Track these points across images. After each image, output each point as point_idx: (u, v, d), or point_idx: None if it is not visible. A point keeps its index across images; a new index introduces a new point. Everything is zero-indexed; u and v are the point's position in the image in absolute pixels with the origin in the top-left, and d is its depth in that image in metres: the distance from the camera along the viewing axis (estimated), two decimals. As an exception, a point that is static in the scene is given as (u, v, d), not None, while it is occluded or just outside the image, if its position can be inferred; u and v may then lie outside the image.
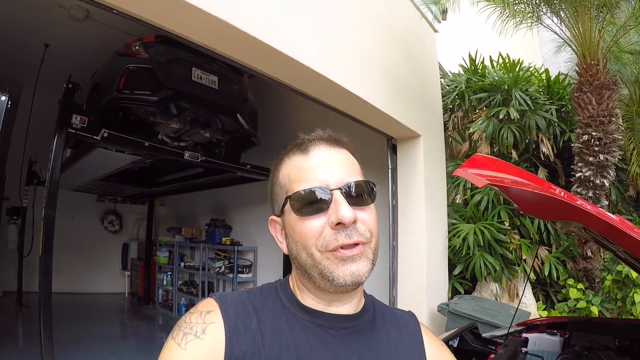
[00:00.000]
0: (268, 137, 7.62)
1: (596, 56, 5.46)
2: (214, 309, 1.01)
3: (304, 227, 1.00)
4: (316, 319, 1.05)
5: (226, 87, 6.17)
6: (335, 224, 0.96)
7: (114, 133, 5.42)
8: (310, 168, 1.03)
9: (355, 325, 1.09)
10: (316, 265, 0.99)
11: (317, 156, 1.05)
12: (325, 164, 1.03)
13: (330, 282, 0.98)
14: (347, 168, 1.05)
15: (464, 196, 6.57)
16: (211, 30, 3.26)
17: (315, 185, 1.00)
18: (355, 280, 0.98)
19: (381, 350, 1.09)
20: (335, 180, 1.01)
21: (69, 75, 5.39)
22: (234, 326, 0.98)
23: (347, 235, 0.97)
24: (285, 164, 1.11)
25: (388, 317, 1.21)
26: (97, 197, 12.52)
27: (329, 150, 1.07)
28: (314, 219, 0.99)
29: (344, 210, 0.96)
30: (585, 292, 5.86)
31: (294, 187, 1.03)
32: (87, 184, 9.69)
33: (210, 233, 9.69)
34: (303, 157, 1.06)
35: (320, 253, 0.98)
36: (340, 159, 1.06)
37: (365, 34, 4.98)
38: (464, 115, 7.22)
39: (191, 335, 0.94)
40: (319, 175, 1.01)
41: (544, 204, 2.14)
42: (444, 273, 6.21)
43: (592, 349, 2.83)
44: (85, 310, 10.14)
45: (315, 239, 0.98)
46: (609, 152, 5.44)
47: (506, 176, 2.00)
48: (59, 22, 6.47)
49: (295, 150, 1.10)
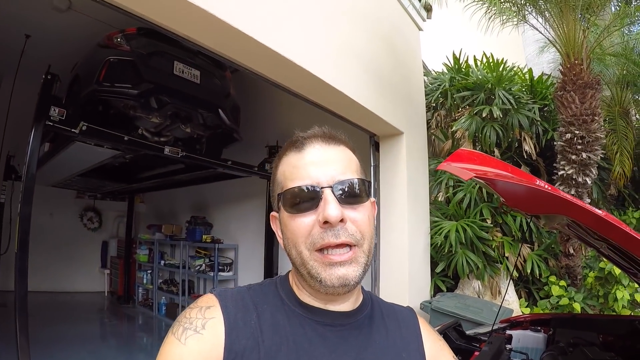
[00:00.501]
0: (250, 133, 7.59)
1: (580, 56, 5.49)
2: (214, 305, 1.02)
3: (294, 224, 1.01)
4: (314, 315, 1.06)
5: (208, 82, 6.10)
6: (322, 223, 0.97)
7: (92, 126, 5.28)
8: (303, 166, 1.04)
9: (354, 321, 1.10)
10: (304, 264, 1.00)
11: (311, 154, 1.05)
12: (319, 162, 1.03)
13: (319, 283, 0.99)
14: (341, 166, 1.04)
15: (446, 194, 6.57)
16: (193, 21, 3.20)
17: (306, 183, 1.01)
18: (343, 283, 0.98)
19: (379, 345, 1.09)
20: (326, 178, 1.01)
21: (48, 66, 5.27)
22: (234, 321, 0.99)
23: (334, 235, 0.97)
24: (282, 161, 1.11)
25: (386, 312, 1.21)
26: (77, 194, 12.29)
27: (323, 148, 1.06)
28: (304, 217, 1.00)
29: (330, 209, 0.96)
30: (568, 289, 5.88)
31: (287, 185, 1.04)
32: (65, 180, 9.53)
33: (190, 230, 9.58)
34: (297, 155, 1.07)
35: (309, 252, 0.99)
36: (335, 157, 1.06)
37: (350, 30, 4.94)
38: (447, 113, 7.23)
39: (191, 331, 0.96)
40: (311, 173, 1.02)
41: (531, 197, 2.12)
42: (427, 271, 6.19)
43: (576, 345, 2.82)
44: (64, 310, 9.97)
45: (305, 237, 0.99)
46: (592, 151, 5.47)
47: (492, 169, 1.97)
48: (41, 12, 6.36)
49: (291, 147, 1.10)
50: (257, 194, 8.22)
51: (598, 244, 2.34)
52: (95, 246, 12.67)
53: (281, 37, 3.75)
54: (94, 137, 5.50)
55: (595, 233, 2.01)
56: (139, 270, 10.94)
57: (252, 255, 8.57)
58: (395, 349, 1.11)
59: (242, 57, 3.88)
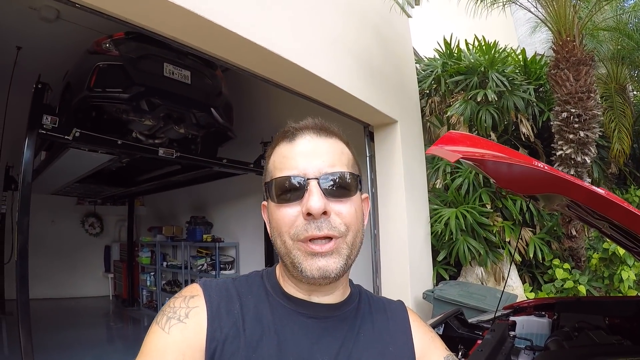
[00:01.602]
0: (244, 130, 7.59)
1: (572, 32, 5.43)
2: (197, 294, 1.03)
3: (279, 214, 1.01)
4: (298, 307, 1.06)
5: (199, 82, 6.08)
6: (306, 214, 0.96)
7: (85, 132, 5.29)
8: (293, 156, 1.03)
9: (339, 314, 1.09)
10: (288, 253, 1.00)
11: (302, 144, 1.04)
12: (308, 153, 1.02)
13: (300, 273, 0.98)
14: (330, 158, 1.03)
15: (444, 181, 6.53)
16: (178, 22, 3.19)
17: (293, 174, 1.00)
18: (323, 275, 0.97)
19: (365, 338, 1.08)
20: (314, 170, 0.99)
21: (38, 76, 5.26)
22: (217, 311, 0.99)
23: (317, 227, 0.96)
24: (274, 151, 1.10)
25: (375, 305, 1.20)
26: (77, 200, 12.36)
27: (314, 139, 1.05)
28: (289, 207, 0.99)
29: (313, 201, 0.95)
30: (572, 272, 5.83)
31: (275, 174, 1.04)
32: (64, 187, 9.55)
33: (190, 231, 9.61)
34: (288, 145, 1.05)
35: (292, 242, 0.98)
36: (325, 149, 1.04)
37: (337, 20, 4.91)
38: (441, 99, 7.17)
39: (174, 320, 0.96)
40: (299, 164, 1.00)
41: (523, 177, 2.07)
42: (428, 259, 6.17)
43: (582, 329, 2.77)
44: (69, 315, 9.99)
45: (288, 227, 0.99)
46: (589, 129, 5.41)
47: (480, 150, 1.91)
48: (30, 24, 6.38)
49: (283, 137, 1.08)
50: (254, 190, 8.20)
51: (600, 223, 2.29)
52: (98, 251, 12.74)
53: (267, 33, 3.74)
54: (87, 142, 5.50)
55: (595, 212, 1.96)
56: (142, 273, 10.97)
57: (253, 252, 8.58)
58: (381, 343, 1.10)
59: (230, 54, 3.87)
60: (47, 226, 11.13)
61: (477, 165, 2.19)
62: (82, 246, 12.31)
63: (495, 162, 1.91)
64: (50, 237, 11.04)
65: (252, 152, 7.59)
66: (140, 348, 0.95)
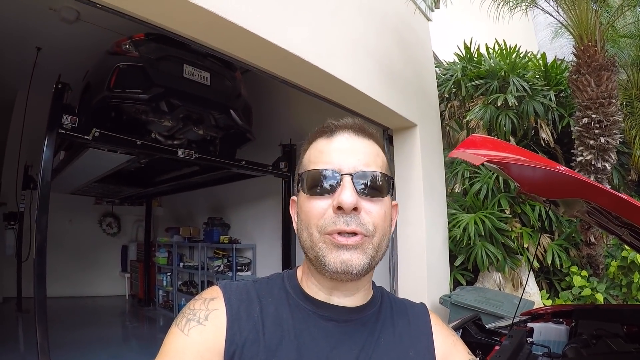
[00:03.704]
0: (263, 132, 7.60)
1: (594, 37, 5.38)
2: (217, 296, 1.03)
3: (310, 205, 1.01)
4: (320, 309, 1.05)
5: (218, 83, 6.11)
6: (336, 208, 0.96)
7: (105, 132, 5.34)
8: (329, 151, 1.04)
9: (360, 317, 1.08)
10: (313, 246, 0.99)
11: (339, 141, 1.05)
12: (345, 150, 1.03)
13: (323, 266, 0.97)
14: (366, 157, 1.03)
15: (463, 185, 6.50)
16: (198, 22, 3.22)
17: (328, 167, 1.00)
18: (346, 269, 0.96)
19: (385, 342, 1.08)
20: (348, 167, 1.00)
21: (58, 76, 5.31)
22: (236, 314, 1.00)
23: (345, 222, 0.96)
24: (310, 146, 1.11)
25: (397, 308, 1.19)
26: (95, 200, 12.47)
27: (352, 138, 1.06)
28: (319, 199, 1.00)
29: (345, 195, 0.95)
30: (590, 279, 5.77)
31: (309, 167, 1.05)
32: (83, 187, 9.66)
33: (208, 232, 9.63)
34: (326, 141, 1.07)
35: (319, 234, 0.98)
36: (362, 148, 1.05)
37: (357, 23, 4.92)
38: (461, 104, 7.14)
39: (194, 322, 0.97)
40: (334, 159, 1.01)
41: (548, 181, 2.06)
42: (445, 264, 6.14)
43: (600, 336, 2.74)
44: (86, 314, 10.09)
45: (317, 219, 0.98)
46: (610, 135, 5.35)
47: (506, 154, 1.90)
48: (51, 24, 6.51)
49: (321, 133, 1.10)
50: (272, 193, 8.21)
51: (620, 230, 2.28)
52: (115, 251, 12.86)
53: (288, 35, 3.75)
54: (106, 142, 5.55)
55: (617, 219, 1.94)
56: (158, 273, 11.01)
57: (269, 255, 8.57)
58: (401, 347, 1.09)
59: (250, 56, 3.88)
60: (65, 225, 11.25)
61: (501, 169, 2.18)
62: (99, 246, 12.43)
63: (520, 165, 1.90)
64: (67, 236, 11.17)
65: (271, 154, 7.60)
66: (157, 348, 0.95)
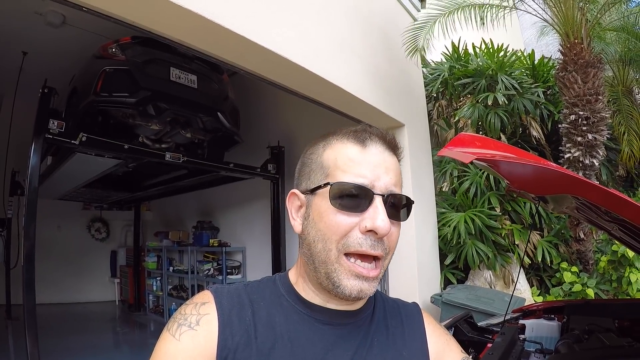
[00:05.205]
0: (251, 135, 7.59)
1: (579, 34, 5.42)
2: (208, 301, 1.01)
3: (334, 219, 0.96)
4: (314, 313, 1.04)
5: (206, 86, 6.09)
6: (366, 230, 0.93)
7: (92, 137, 5.29)
8: (363, 162, 0.98)
9: (355, 320, 1.08)
10: (328, 263, 0.97)
11: (374, 153, 1.00)
12: (379, 165, 0.98)
13: (336, 287, 0.96)
14: (395, 177, 1.00)
15: (452, 184, 6.51)
16: (185, 25, 3.19)
17: (362, 183, 0.95)
18: (360, 297, 0.97)
19: (379, 343, 1.07)
20: (382, 185, 0.96)
21: (44, 80, 5.27)
22: (228, 318, 0.98)
23: (372, 246, 0.94)
24: (335, 146, 1.04)
25: (389, 308, 1.19)
26: (83, 205, 12.39)
27: (384, 152, 1.01)
28: (347, 216, 0.95)
29: (381, 221, 0.92)
30: (580, 275, 5.80)
31: (338, 175, 0.98)
32: (71, 192, 9.55)
33: (197, 236, 9.58)
34: (358, 148, 1.00)
35: (338, 252, 0.95)
36: (392, 166, 1.01)
37: (343, 23, 4.91)
38: (448, 103, 7.16)
39: (185, 327, 0.96)
40: (367, 174, 0.96)
41: (538, 178, 2.06)
42: (436, 264, 6.15)
43: (592, 331, 2.74)
44: (76, 320, 9.99)
45: (340, 237, 0.95)
46: (598, 131, 5.39)
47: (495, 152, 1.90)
48: (36, 29, 6.41)
49: (351, 136, 1.03)
50: (261, 195, 8.18)
51: (609, 225, 2.28)
52: (104, 256, 12.72)
53: (274, 35, 3.73)
54: (94, 147, 5.50)
55: (606, 214, 1.94)
56: (148, 278, 10.94)
57: (259, 257, 8.53)
58: (395, 348, 1.09)
59: (237, 58, 3.86)
60: (54, 231, 11.12)
61: (490, 166, 2.18)
62: (88, 251, 12.30)
63: (509, 162, 1.90)
64: (56, 243, 11.03)
65: (259, 157, 7.57)
66: (149, 354, 0.94)
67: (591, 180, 5.48)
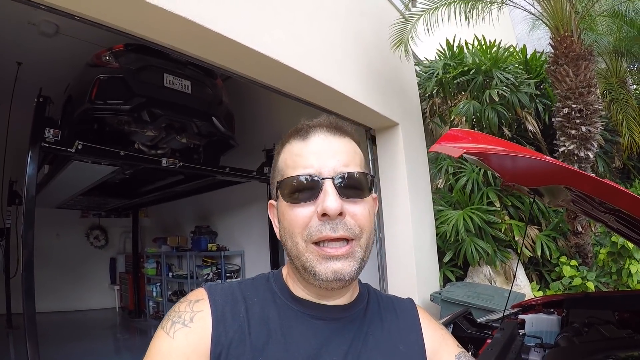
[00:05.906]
0: (246, 138, 7.60)
1: (569, 27, 5.41)
2: (202, 298, 1.02)
3: (292, 214, 0.99)
4: (307, 309, 1.04)
5: (200, 91, 6.09)
6: (321, 215, 0.95)
7: (88, 144, 5.34)
8: (306, 155, 1.01)
9: (348, 315, 1.08)
10: (299, 256, 0.98)
11: (315, 143, 1.02)
12: (322, 152, 1.01)
13: (313, 276, 0.97)
14: (344, 157, 1.01)
15: (448, 181, 6.50)
16: (177, 31, 3.20)
17: (307, 173, 0.98)
18: (338, 278, 0.95)
19: (374, 337, 1.07)
20: (328, 170, 0.98)
21: (39, 90, 5.29)
22: (222, 314, 0.98)
23: (332, 228, 0.95)
24: (284, 149, 1.08)
25: (384, 304, 1.19)
26: (81, 213, 12.40)
27: (328, 138, 1.03)
28: (302, 207, 0.98)
29: (330, 201, 0.93)
30: (579, 269, 5.79)
31: (287, 173, 1.02)
32: (68, 200, 9.59)
33: (195, 240, 9.62)
34: (301, 143, 1.04)
35: (305, 244, 0.97)
36: (339, 148, 1.03)
37: (335, 25, 4.92)
38: (442, 101, 7.15)
39: (179, 324, 0.95)
40: (313, 163, 0.99)
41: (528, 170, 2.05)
42: (434, 261, 6.15)
43: (591, 324, 2.74)
44: (76, 328, 9.97)
45: (302, 228, 0.97)
46: (591, 124, 5.39)
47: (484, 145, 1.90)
48: (30, 39, 6.44)
49: (295, 135, 1.07)
50: (258, 198, 8.20)
51: (606, 217, 2.27)
52: (104, 263, 12.72)
53: (266, 38, 3.74)
54: (90, 154, 5.55)
55: (601, 205, 1.94)
56: (148, 284, 10.96)
57: (258, 260, 8.56)
58: (391, 341, 1.09)
59: (230, 62, 3.88)
60: (52, 240, 11.12)
61: (481, 160, 2.17)
62: (88, 259, 12.30)
63: (499, 155, 1.90)
64: (55, 251, 11.03)
65: (255, 160, 7.59)
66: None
67: (587, 172, 5.49)
